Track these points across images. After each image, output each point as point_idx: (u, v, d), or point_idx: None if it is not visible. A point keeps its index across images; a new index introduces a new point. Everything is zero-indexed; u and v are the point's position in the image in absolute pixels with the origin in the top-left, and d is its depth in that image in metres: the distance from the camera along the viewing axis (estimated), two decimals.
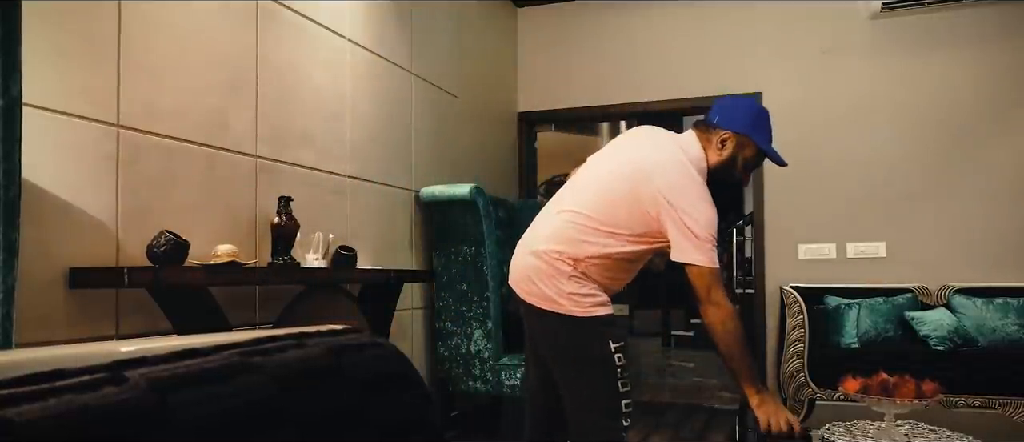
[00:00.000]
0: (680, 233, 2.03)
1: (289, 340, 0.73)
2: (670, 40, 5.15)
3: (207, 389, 0.57)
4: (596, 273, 2.12)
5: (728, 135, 2.17)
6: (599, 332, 2.13)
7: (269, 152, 2.88)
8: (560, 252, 2.12)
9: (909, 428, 2.23)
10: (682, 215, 2.03)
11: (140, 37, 2.32)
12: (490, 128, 5.07)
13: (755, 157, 2.21)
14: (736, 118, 2.18)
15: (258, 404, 0.63)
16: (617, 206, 2.10)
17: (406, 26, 3.93)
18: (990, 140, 4.51)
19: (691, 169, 2.11)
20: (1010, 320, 4.07)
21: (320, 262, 2.89)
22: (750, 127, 2.18)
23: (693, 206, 2.04)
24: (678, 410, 5.10)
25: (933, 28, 4.60)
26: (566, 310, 2.12)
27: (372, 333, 0.85)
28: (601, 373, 2.13)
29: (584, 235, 2.10)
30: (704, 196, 2.09)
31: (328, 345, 0.75)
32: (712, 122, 2.20)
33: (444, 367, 3.95)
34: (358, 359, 0.77)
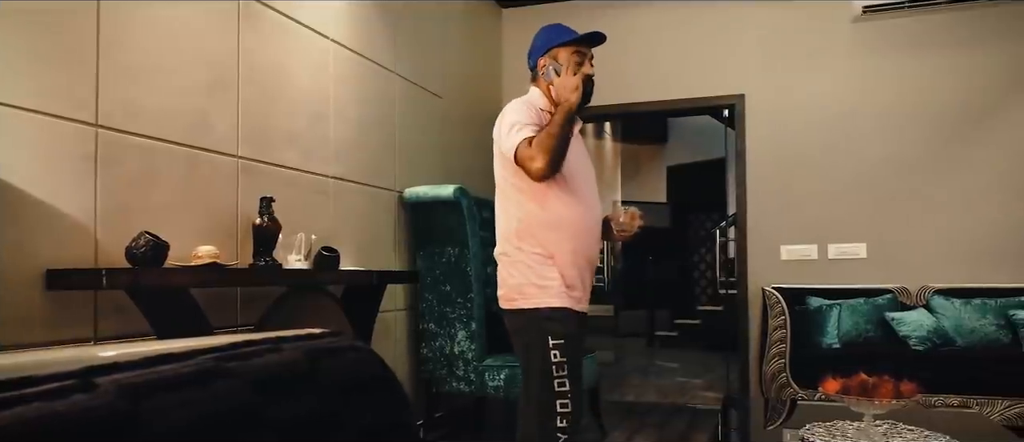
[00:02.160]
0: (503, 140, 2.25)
1: (265, 344, 0.72)
2: (655, 42, 5.17)
3: (180, 395, 0.57)
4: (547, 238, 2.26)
5: (542, 62, 2.40)
6: (539, 326, 2.23)
7: (251, 152, 2.86)
8: (501, 246, 2.35)
9: (888, 428, 2.25)
10: (500, 128, 2.29)
11: (120, 37, 2.30)
12: (475, 129, 5.06)
13: (574, 53, 2.37)
14: (536, 48, 2.44)
15: (233, 410, 0.62)
16: (498, 175, 2.38)
17: (390, 27, 3.91)
18: (969, 142, 4.56)
19: (516, 102, 2.34)
20: (987, 320, 4.12)
21: (302, 263, 2.87)
22: (547, 42, 2.40)
23: (504, 120, 2.28)
24: (662, 410, 5.12)
25: (912, 31, 4.65)
26: (516, 305, 2.28)
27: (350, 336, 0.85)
28: (538, 369, 2.22)
29: (507, 211, 2.34)
30: (515, 108, 2.30)
31: (305, 349, 0.74)
32: (531, 67, 2.46)
33: (427, 368, 3.94)
34: (335, 363, 0.77)
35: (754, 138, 4.93)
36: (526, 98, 2.39)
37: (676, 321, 9.24)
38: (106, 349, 0.71)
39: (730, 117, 5.09)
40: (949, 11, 4.56)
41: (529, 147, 2.16)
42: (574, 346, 2.22)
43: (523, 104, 2.33)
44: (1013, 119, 4.49)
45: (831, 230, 4.75)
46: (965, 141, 4.57)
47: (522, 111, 2.28)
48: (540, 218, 2.26)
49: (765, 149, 4.91)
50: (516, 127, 2.21)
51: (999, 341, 4.06)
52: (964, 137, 4.57)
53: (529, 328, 2.24)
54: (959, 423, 2.52)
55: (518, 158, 2.19)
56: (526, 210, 2.28)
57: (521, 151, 2.17)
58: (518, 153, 2.18)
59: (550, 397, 2.18)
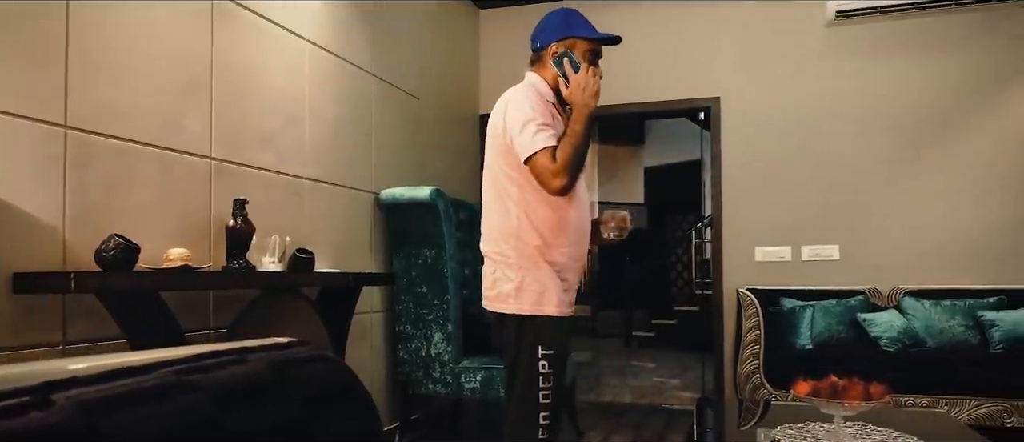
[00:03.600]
0: (515, 136, 2.09)
1: (229, 356, 0.72)
2: (632, 45, 5.17)
3: (140, 411, 0.56)
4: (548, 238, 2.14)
5: (553, 47, 2.22)
6: (532, 334, 2.13)
7: (225, 154, 2.84)
8: (495, 245, 2.21)
9: (858, 429, 2.29)
10: (509, 118, 2.11)
11: (89, 37, 2.27)
12: (452, 130, 5.06)
13: (590, 50, 2.25)
14: (549, 30, 2.25)
15: (196, 424, 0.62)
16: (494, 168, 2.19)
17: (367, 27, 3.90)
18: (938, 146, 4.64)
19: (524, 90, 2.18)
20: (957, 321, 4.20)
21: (276, 265, 2.85)
22: (565, 29, 2.23)
23: (516, 113, 2.10)
24: (639, 411, 5.15)
25: (885, 36, 4.71)
26: (509, 309, 2.17)
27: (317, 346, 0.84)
28: (525, 375, 2.14)
29: (504, 208, 2.17)
30: (527, 99, 2.13)
31: (270, 360, 0.74)
32: (536, 47, 2.27)
33: (404, 370, 3.93)
34: (302, 374, 0.76)
35: (729, 140, 4.98)
36: (531, 86, 2.22)
37: (653, 322, 9.29)
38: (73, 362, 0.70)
39: (706, 119, 5.13)
40: (920, 17, 4.63)
41: (554, 161, 2.02)
42: (561, 357, 2.16)
43: (532, 94, 2.16)
44: (981, 123, 4.58)
45: (805, 232, 4.81)
46: (935, 144, 4.64)
47: (535, 104, 2.11)
48: (545, 218, 2.14)
49: (740, 151, 4.96)
50: (532, 126, 2.05)
51: (968, 342, 4.13)
52: (934, 141, 4.64)
53: (521, 334, 2.14)
54: (927, 423, 2.56)
55: (537, 166, 2.05)
56: (529, 209, 2.14)
57: (544, 161, 2.03)
58: (538, 161, 2.04)
59: (534, 406, 2.11)
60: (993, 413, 3.77)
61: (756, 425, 2.96)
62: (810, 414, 2.43)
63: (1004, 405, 3.76)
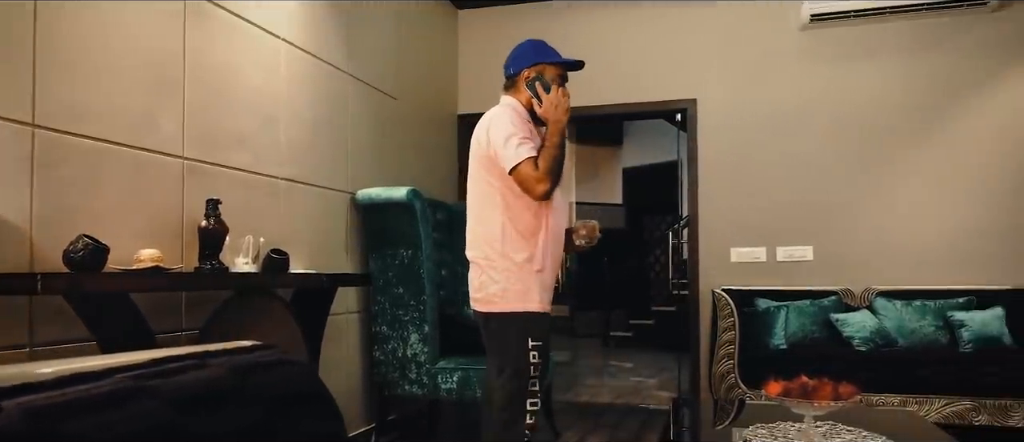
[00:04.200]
0: (499, 150, 2.34)
1: (190, 360, 0.71)
2: (609, 46, 5.21)
3: (94, 417, 0.55)
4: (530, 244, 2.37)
5: (526, 73, 2.51)
6: (521, 329, 2.36)
7: (198, 154, 2.81)
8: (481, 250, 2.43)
9: (828, 428, 2.31)
10: (492, 133, 2.37)
11: (59, 35, 2.24)
12: (429, 130, 5.04)
13: (558, 74, 2.53)
14: (521, 58, 2.54)
15: (154, 430, 0.61)
16: (478, 179, 2.45)
17: (343, 27, 3.88)
18: (910, 148, 4.70)
19: (504, 110, 2.45)
20: (927, 321, 4.26)
21: (250, 266, 2.83)
22: (535, 56, 2.53)
23: (499, 129, 2.36)
24: (616, 411, 5.17)
25: (858, 40, 4.78)
26: (497, 307, 2.38)
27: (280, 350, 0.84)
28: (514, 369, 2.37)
29: (490, 217, 2.41)
30: (508, 117, 2.40)
31: (231, 365, 0.73)
32: (509, 74, 2.56)
33: (380, 371, 3.92)
34: (264, 378, 0.76)
35: (706, 142, 5.01)
36: (509, 106, 2.48)
37: (631, 322, 9.33)
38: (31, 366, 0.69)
39: (683, 120, 5.16)
40: (892, 21, 4.69)
41: (536, 169, 2.28)
42: (547, 349, 2.40)
43: (512, 113, 2.42)
44: (952, 127, 4.65)
45: (780, 233, 4.85)
46: (907, 147, 4.71)
47: (516, 122, 2.37)
48: (526, 224, 2.37)
49: (716, 153, 5.00)
50: (515, 140, 2.30)
51: (938, 342, 4.19)
52: (906, 143, 4.71)
53: (511, 331, 2.36)
54: (896, 422, 2.60)
55: (521, 175, 2.29)
56: (512, 216, 2.37)
57: (527, 170, 2.28)
58: (522, 170, 2.28)
59: (522, 398, 2.32)
60: (962, 412, 3.83)
61: (731, 425, 2.98)
62: (783, 414, 2.45)
63: (972, 404, 3.82)
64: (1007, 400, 3.77)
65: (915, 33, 4.70)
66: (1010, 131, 4.56)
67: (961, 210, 4.60)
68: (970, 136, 4.62)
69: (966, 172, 4.61)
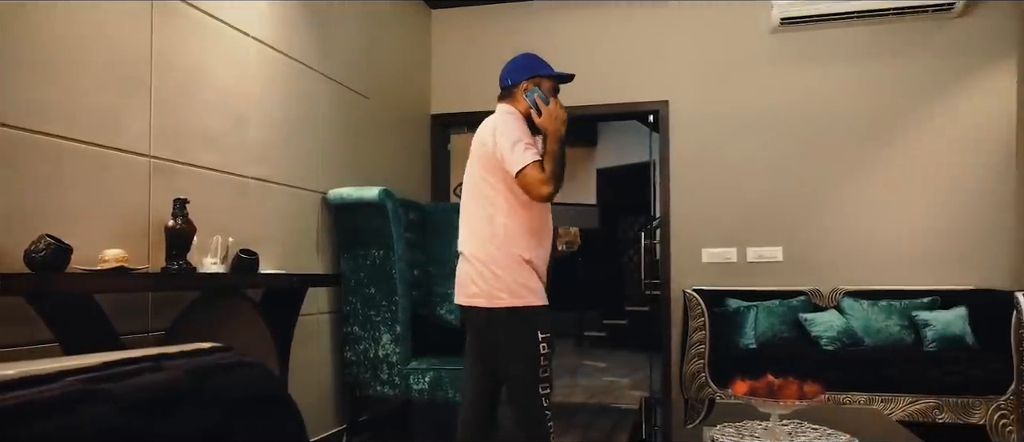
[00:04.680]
0: (506, 154, 2.45)
1: (145, 363, 0.71)
2: (583, 47, 5.24)
3: (41, 423, 0.54)
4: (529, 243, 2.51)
5: (524, 84, 2.63)
6: (530, 322, 2.49)
7: (166, 153, 2.77)
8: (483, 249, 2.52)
9: (793, 427, 2.35)
10: (499, 138, 2.47)
11: (20, 32, 2.20)
12: (402, 130, 5.03)
13: (552, 86, 2.66)
14: (519, 70, 2.66)
15: (104, 435, 0.61)
16: (480, 182, 2.55)
17: (315, 25, 3.85)
18: (877, 150, 4.78)
19: (508, 116, 2.56)
20: (893, 321, 4.33)
21: (219, 267, 2.80)
22: (532, 69, 2.66)
23: (505, 134, 2.47)
24: (588, 411, 5.19)
25: (827, 43, 4.85)
26: (504, 302, 2.48)
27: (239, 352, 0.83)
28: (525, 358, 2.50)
29: (492, 217, 2.51)
30: (513, 124, 2.51)
31: (188, 367, 0.73)
32: (507, 85, 2.67)
33: (352, 372, 3.90)
34: (222, 382, 0.75)
35: (677, 143, 5.05)
36: (512, 113, 2.58)
37: (605, 322, 9.37)
38: None
39: (655, 122, 5.20)
40: (861, 25, 4.77)
41: (541, 172, 2.40)
42: (552, 339, 2.53)
43: (516, 119, 2.54)
44: (918, 130, 4.74)
45: (750, 234, 4.91)
46: (874, 150, 4.79)
47: (521, 128, 2.50)
48: (525, 225, 2.52)
49: (688, 154, 5.04)
50: (521, 145, 2.43)
51: (903, 341, 4.27)
52: (873, 146, 4.79)
53: (520, 323, 2.49)
54: (860, 421, 2.64)
55: (527, 177, 2.40)
56: (514, 217, 2.51)
57: (532, 173, 2.39)
58: (528, 173, 2.40)
59: (535, 384, 2.46)
60: (926, 409, 3.90)
61: (701, 424, 3.00)
62: (752, 413, 2.48)
63: (936, 402, 3.89)
64: (969, 398, 3.85)
65: (881, 37, 4.78)
66: (973, 134, 4.65)
67: (925, 212, 4.69)
68: (935, 139, 4.70)
69: (930, 174, 4.70)
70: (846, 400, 4.01)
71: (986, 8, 4.64)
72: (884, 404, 3.95)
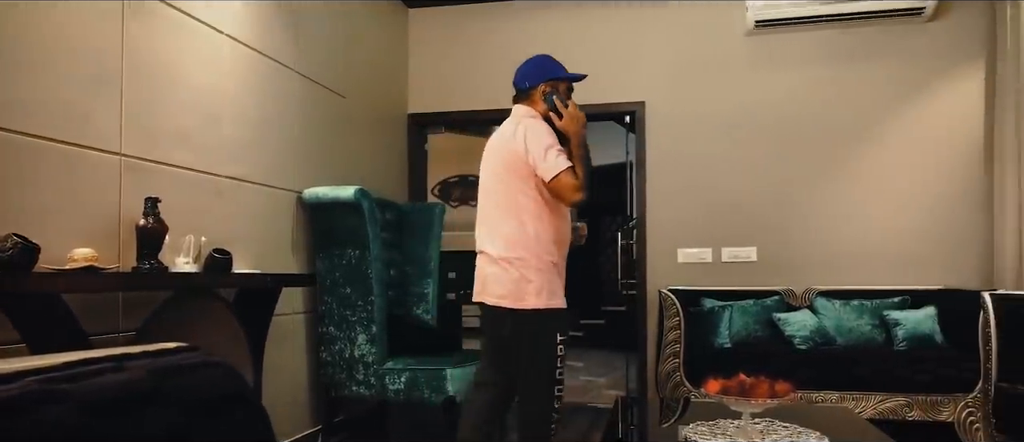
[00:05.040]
0: (539, 160, 2.50)
1: (106, 363, 0.70)
2: (559, 48, 5.21)
3: None
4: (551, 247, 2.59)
5: (540, 87, 2.68)
6: (550, 324, 2.59)
7: (138, 151, 2.74)
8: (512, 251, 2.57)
9: (765, 425, 2.37)
10: (531, 144, 2.52)
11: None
12: (379, 129, 5.01)
13: (568, 87, 2.73)
14: (535, 73, 2.71)
15: (64, 436, 0.60)
16: (507, 184, 2.59)
17: (291, 24, 3.83)
18: (849, 152, 4.85)
19: (534, 121, 2.62)
20: (864, 320, 4.39)
21: (191, 266, 2.77)
22: (549, 71, 2.71)
23: (537, 140, 2.52)
24: (565, 410, 5.20)
25: (801, 46, 4.90)
26: (527, 305, 2.55)
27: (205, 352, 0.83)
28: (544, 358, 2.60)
29: (519, 220, 2.57)
30: (542, 130, 2.56)
31: (151, 367, 0.72)
32: (524, 87, 2.71)
33: (327, 372, 3.87)
34: (185, 381, 0.75)
35: (654, 144, 5.08)
36: (536, 117, 2.64)
37: (582, 321, 9.39)
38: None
39: (631, 123, 5.23)
40: (833, 29, 4.83)
41: (574, 178, 2.48)
42: (567, 341, 2.65)
43: (542, 123, 2.60)
44: (889, 132, 4.81)
45: (725, 234, 4.95)
46: (847, 152, 4.86)
47: (550, 133, 2.55)
48: (554, 229, 2.60)
49: (664, 155, 5.07)
50: (554, 151, 2.49)
51: (874, 340, 4.33)
52: (846, 148, 4.86)
53: (544, 325, 2.57)
54: (830, 419, 2.68)
55: (561, 183, 2.47)
56: (543, 222, 2.58)
57: (566, 180, 2.46)
58: (562, 179, 2.46)
59: (551, 385, 2.56)
60: (896, 408, 3.96)
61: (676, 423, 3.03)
62: (726, 411, 2.50)
63: (906, 400, 3.95)
64: (937, 396, 3.92)
65: (854, 41, 4.84)
66: (943, 137, 4.73)
67: (896, 213, 4.76)
68: (906, 141, 4.78)
69: (901, 176, 4.77)
70: (819, 398, 4.06)
71: (955, 13, 4.72)
72: (856, 402, 4.00)
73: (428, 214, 4.60)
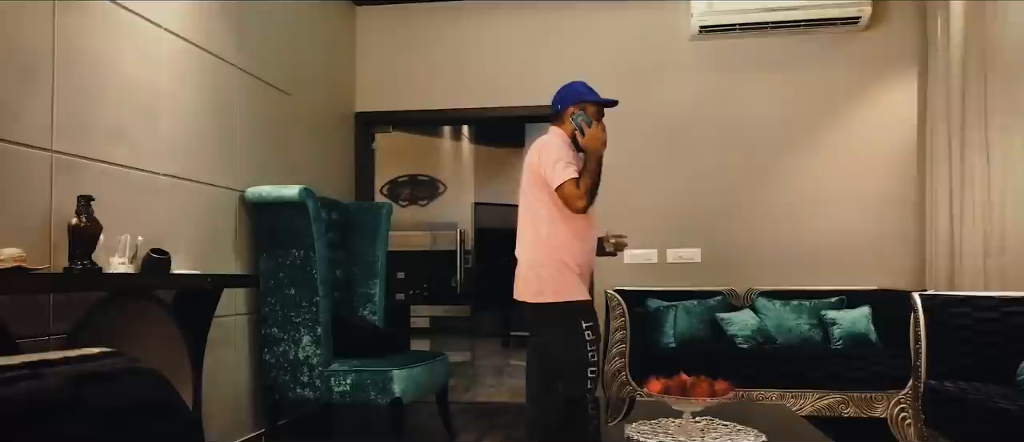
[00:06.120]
0: (548, 171, 2.84)
1: (22, 370, 0.67)
2: (508, 48, 5.26)
3: None
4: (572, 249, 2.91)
5: (571, 109, 2.99)
6: (576, 313, 2.92)
7: (69, 147, 2.65)
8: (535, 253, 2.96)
9: (705, 423, 2.42)
10: (543, 157, 2.88)
11: None
12: (325, 128, 4.94)
13: (596, 108, 3.02)
14: (567, 96, 3.03)
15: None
16: (529, 195, 2.97)
17: (233, 18, 3.74)
18: (790, 156, 4.98)
19: (553, 138, 2.96)
20: (803, 320, 4.51)
21: (127, 267, 2.69)
22: (579, 95, 3.02)
23: (548, 154, 2.86)
24: (512, 410, 5.21)
25: (743, 52, 5.01)
26: (548, 298, 2.91)
27: (130, 357, 0.80)
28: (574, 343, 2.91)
29: (538, 227, 2.94)
30: (556, 145, 2.89)
31: (70, 374, 0.70)
32: (557, 109, 3.04)
33: (271, 374, 3.81)
34: (107, 388, 0.72)
35: None
36: (557, 134, 2.98)
37: None
38: None
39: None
40: (774, 35, 4.95)
41: (577, 188, 2.78)
42: (596, 326, 2.94)
43: (562, 141, 2.93)
44: (828, 137, 4.96)
45: (670, 236, 5.03)
46: (787, 156, 4.99)
47: (565, 149, 2.88)
48: (569, 232, 2.91)
49: (610, 157, 5.06)
50: (561, 163, 2.80)
51: (812, 339, 4.45)
52: (786, 152, 4.99)
53: (564, 315, 2.90)
54: (767, 416, 2.74)
55: (564, 192, 2.80)
56: (556, 226, 2.90)
57: (570, 189, 2.79)
58: (566, 188, 2.79)
59: (584, 369, 2.86)
60: (833, 404, 4.08)
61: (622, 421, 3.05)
62: (669, 410, 2.53)
63: (842, 397, 4.07)
64: (871, 393, 4.05)
65: (794, 48, 4.97)
66: (879, 141, 4.90)
67: (834, 215, 4.91)
68: (844, 146, 4.93)
69: (839, 180, 4.92)
70: (760, 396, 4.15)
71: (890, 23, 4.89)
72: (795, 400, 4.11)
73: (375, 214, 4.56)
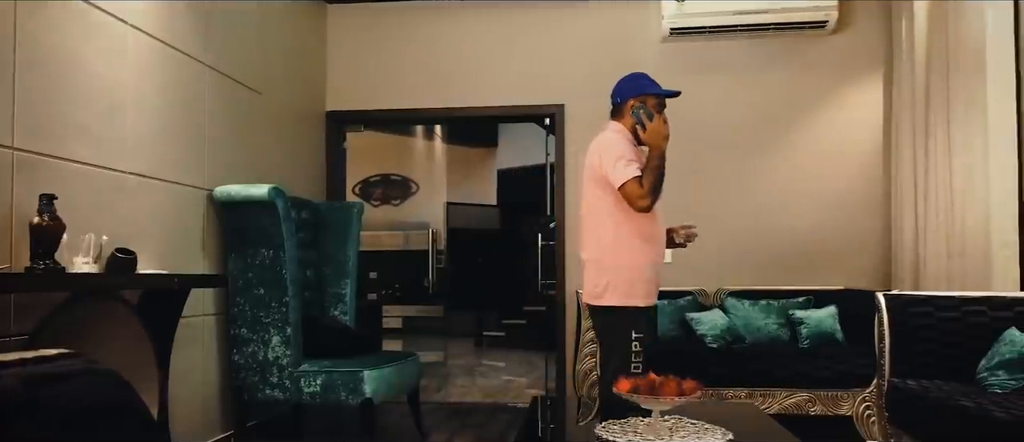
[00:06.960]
0: (609, 170, 2.80)
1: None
2: (481, 48, 5.26)
3: None
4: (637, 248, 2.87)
5: (631, 102, 2.94)
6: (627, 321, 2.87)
7: (30, 144, 2.60)
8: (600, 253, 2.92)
9: (674, 422, 2.44)
10: (604, 156, 2.83)
11: None
12: (296, 127, 4.90)
13: (658, 101, 2.97)
14: (627, 89, 2.98)
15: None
16: (591, 194, 2.93)
17: (201, 14, 3.70)
18: (760, 157, 5.05)
19: (613, 135, 2.91)
20: (772, 319, 4.57)
21: (91, 267, 2.64)
22: (640, 88, 2.97)
23: (609, 152, 2.82)
24: (484, 410, 5.22)
25: (712, 54, 5.07)
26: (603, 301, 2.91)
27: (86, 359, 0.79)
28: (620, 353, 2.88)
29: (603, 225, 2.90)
30: (617, 142, 2.86)
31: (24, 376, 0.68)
32: (616, 102, 2.99)
33: (239, 375, 3.76)
34: (62, 390, 0.71)
35: (573, 147, 5.14)
36: (617, 131, 2.92)
37: (504, 321, 9.43)
38: None
39: (551, 125, 5.28)
40: (743, 38, 5.01)
41: (640, 186, 2.73)
42: (651, 335, 2.94)
43: (619, 137, 2.88)
44: (796, 138, 5.03)
45: None
46: (757, 157, 5.05)
47: (626, 146, 2.83)
48: (635, 231, 2.84)
49: (583, 158, 5.12)
50: (624, 161, 2.75)
51: (780, 339, 4.51)
52: (756, 153, 5.05)
53: (618, 321, 2.82)
54: (735, 415, 2.77)
55: (627, 191, 2.74)
56: (621, 226, 2.84)
57: (632, 188, 2.73)
58: (628, 187, 2.74)
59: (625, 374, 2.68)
60: (800, 403, 4.14)
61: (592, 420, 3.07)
62: (638, 409, 2.55)
63: (809, 395, 4.14)
64: (837, 391, 4.11)
65: (763, 51, 5.04)
66: (845, 143, 4.99)
67: (802, 216, 4.98)
68: (811, 147, 5.01)
69: (807, 181, 5.00)
70: (729, 395, 4.20)
71: (856, 26, 4.98)
72: (763, 398, 4.16)
73: (346, 213, 4.53)
